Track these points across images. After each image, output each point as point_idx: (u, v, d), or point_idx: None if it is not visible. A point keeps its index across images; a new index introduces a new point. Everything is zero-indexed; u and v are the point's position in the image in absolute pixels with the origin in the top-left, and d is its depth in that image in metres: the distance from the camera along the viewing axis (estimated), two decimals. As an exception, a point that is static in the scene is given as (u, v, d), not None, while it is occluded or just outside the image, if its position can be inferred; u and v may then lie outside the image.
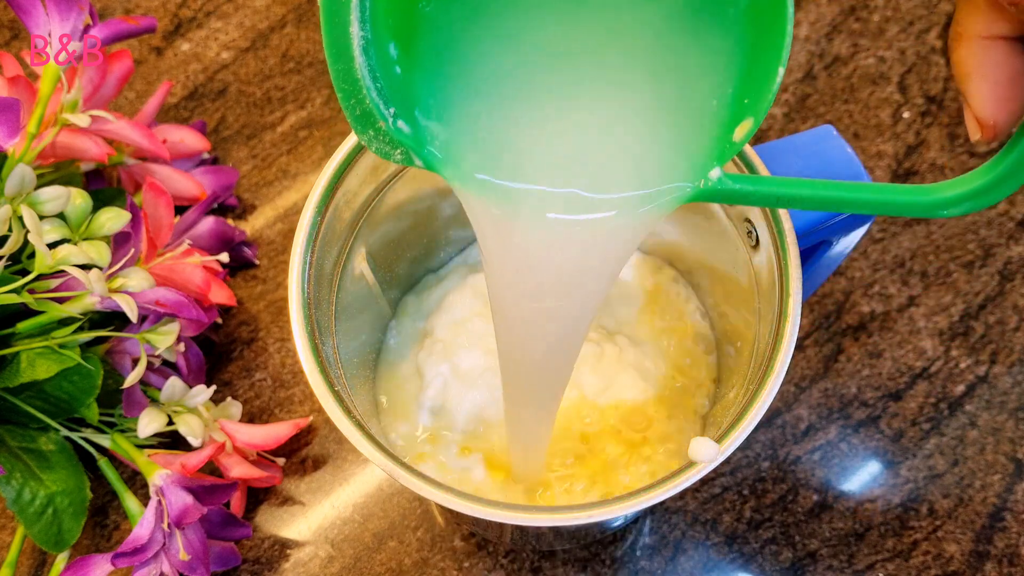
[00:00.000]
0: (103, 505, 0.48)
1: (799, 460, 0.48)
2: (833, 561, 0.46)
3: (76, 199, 0.40)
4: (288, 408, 0.50)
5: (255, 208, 0.55)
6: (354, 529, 0.47)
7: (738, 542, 0.46)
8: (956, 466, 0.48)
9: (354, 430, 0.33)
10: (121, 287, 0.40)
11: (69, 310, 0.40)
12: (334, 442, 0.49)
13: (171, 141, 0.50)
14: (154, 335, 0.42)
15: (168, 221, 0.44)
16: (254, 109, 0.57)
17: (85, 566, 0.42)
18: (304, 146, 0.56)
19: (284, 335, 0.52)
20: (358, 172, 0.38)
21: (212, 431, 0.45)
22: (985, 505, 0.47)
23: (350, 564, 0.47)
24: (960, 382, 0.49)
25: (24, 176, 0.39)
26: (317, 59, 0.58)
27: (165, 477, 0.41)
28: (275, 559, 0.47)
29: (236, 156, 0.56)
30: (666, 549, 0.46)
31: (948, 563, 0.46)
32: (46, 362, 0.41)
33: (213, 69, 0.58)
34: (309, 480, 0.48)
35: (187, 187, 0.50)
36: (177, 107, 0.57)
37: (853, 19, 0.58)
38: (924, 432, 0.48)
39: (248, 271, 0.53)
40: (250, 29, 0.59)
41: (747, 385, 0.35)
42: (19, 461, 0.43)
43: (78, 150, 0.46)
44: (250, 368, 0.51)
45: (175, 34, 0.59)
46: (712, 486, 0.47)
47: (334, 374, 0.35)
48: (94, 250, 0.40)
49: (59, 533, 0.43)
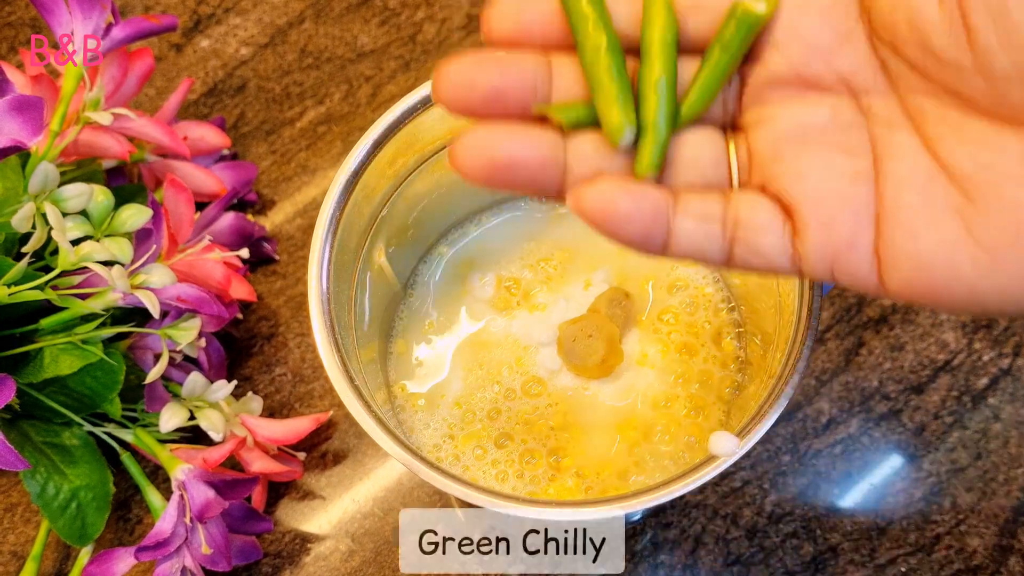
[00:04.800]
0: (126, 499, 0.48)
1: (820, 454, 0.48)
2: (855, 555, 0.46)
3: (98, 196, 0.41)
4: (308, 403, 0.50)
5: (274, 204, 0.55)
6: (374, 523, 0.47)
7: (759, 536, 0.46)
8: (979, 460, 0.47)
9: (374, 424, 0.33)
10: (143, 283, 0.41)
11: (92, 306, 0.40)
12: (354, 436, 0.49)
13: (191, 138, 0.50)
14: (175, 331, 0.43)
15: (189, 217, 0.44)
16: (273, 105, 0.57)
17: (108, 560, 0.42)
18: (323, 141, 0.56)
19: (304, 330, 0.52)
20: (376, 167, 0.38)
21: (233, 426, 0.45)
22: (1009, 499, 0.46)
23: (370, 558, 0.47)
24: (983, 375, 0.49)
25: (47, 174, 0.39)
26: (335, 54, 0.58)
27: (187, 471, 0.41)
28: (296, 553, 0.47)
29: (255, 152, 0.56)
30: (686, 543, 0.46)
31: (971, 557, 0.46)
32: (69, 358, 0.42)
33: (232, 65, 0.58)
34: (329, 474, 0.49)
35: (207, 183, 0.50)
36: (197, 103, 0.57)
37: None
38: (947, 425, 0.48)
39: (268, 266, 0.53)
40: (269, 25, 0.59)
41: (768, 378, 0.35)
42: (43, 456, 0.43)
43: (100, 147, 0.46)
44: (270, 363, 0.51)
45: (194, 31, 0.60)
46: (732, 480, 0.47)
47: (353, 368, 0.36)
48: (116, 246, 0.40)
49: (83, 527, 0.44)
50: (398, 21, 0.59)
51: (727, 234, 0.28)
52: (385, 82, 0.58)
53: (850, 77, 0.28)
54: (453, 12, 0.59)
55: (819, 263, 0.27)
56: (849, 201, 0.27)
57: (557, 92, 0.28)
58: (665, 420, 0.41)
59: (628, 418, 0.42)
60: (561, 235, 0.46)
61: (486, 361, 0.43)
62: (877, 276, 0.27)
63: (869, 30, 0.28)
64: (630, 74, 0.28)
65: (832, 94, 0.28)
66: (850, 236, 0.27)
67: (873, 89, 0.28)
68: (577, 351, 0.42)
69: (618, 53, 0.27)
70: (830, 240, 0.27)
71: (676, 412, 0.42)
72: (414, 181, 0.41)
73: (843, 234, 0.27)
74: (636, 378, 0.42)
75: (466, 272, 0.46)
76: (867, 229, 0.27)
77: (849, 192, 0.27)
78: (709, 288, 0.44)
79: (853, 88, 0.28)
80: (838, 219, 0.27)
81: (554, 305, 0.44)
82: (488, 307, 0.45)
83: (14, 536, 0.48)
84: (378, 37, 0.59)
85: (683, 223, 0.28)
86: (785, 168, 0.28)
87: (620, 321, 0.43)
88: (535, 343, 0.43)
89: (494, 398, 0.42)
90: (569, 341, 0.42)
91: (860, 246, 0.27)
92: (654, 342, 0.43)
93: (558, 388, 0.42)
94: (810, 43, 0.28)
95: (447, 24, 0.59)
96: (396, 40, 0.59)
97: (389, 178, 0.40)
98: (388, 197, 0.40)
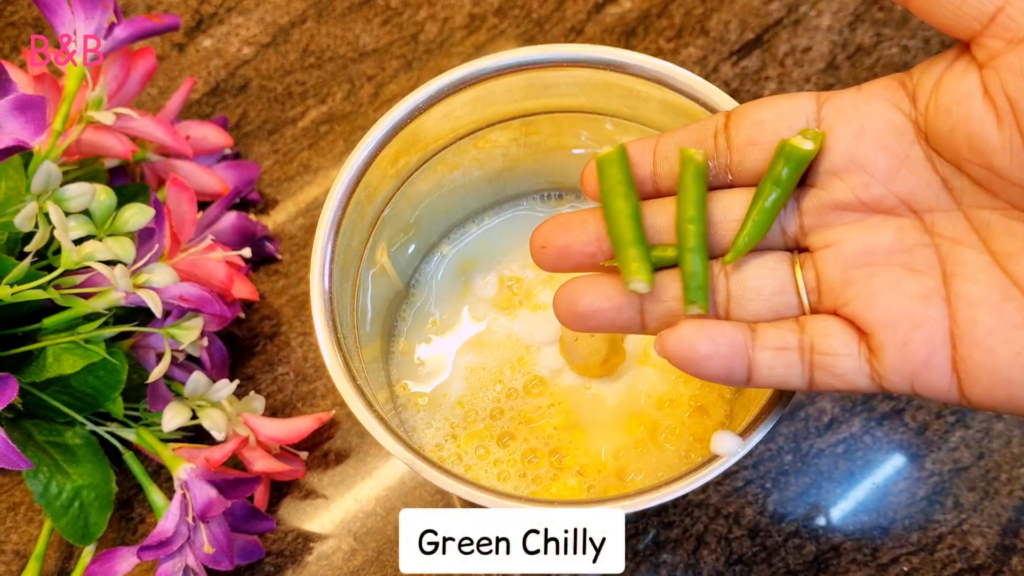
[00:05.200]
0: (128, 499, 0.48)
1: (822, 453, 0.48)
2: (857, 555, 0.46)
3: (101, 195, 0.41)
4: (311, 402, 0.50)
5: (277, 203, 0.55)
6: (377, 522, 0.47)
7: (761, 535, 0.46)
8: (982, 459, 0.47)
9: (376, 424, 0.33)
10: (145, 282, 0.41)
11: (94, 305, 0.40)
12: (356, 435, 0.49)
13: (194, 137, 0.50)
14: (178, 330, 0.43)
15: (191, 217, 0.44)
16: (275, 104, 0.57)
17: (111, 559, 0.42)
18: (325, 141, 0.56)
19: (306, 329, 0.52)
20: (379, 166, 0.38)
21: (235, 425, 0.45)
22: (1011, 498, 0.46)
23: (372, 557, 0.47)
24: (986, 374, 0.49)
25: (50, 173, 0.39)
26: (337, 54, 0.58)
27: (189, 471, 0.41)
28: (298, 552, 0.47)
29: (258, 151, 0.56)
30: (688, 542, 0.46)
31: (973, 557, 0.46)
32: (72, 357, 0.42)
33: (234, 65, 0.58)
34: (332, 473, 0.49)
35: (209, 183, 0.50)
36: (199, 103, 0.58)
37: (876, 8, 0.58)
38: (949, 425, 0.48)
39: (270, 266, 0.53)
40: (271, 24, 0.59)
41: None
42: (46, 455, 0.43)
43: (103, 147, 0.46)
44: (273, 362, 0.51)
45: (196, 30, 0.60)
46: (735, 479, 0.47)
47: (356, 368, 0.36)
48: (119, 246, 0.40)
49: (85, 526, 0.44)
50: (400, 20, 0.59)
51: (805, 360, 0.29)
52: (387, 81, 0.58)
53: (911, 198, 0.29)
54: (455, 11, 0.59)
55: (899, 381, 0.28)
56: (922, 322, 0.27)
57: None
58: (667, 419, 0.41)
59: (630, 417, 0.42)
60: (563, 234, 0.46)
61: (488, 360, 0.43)
62: (958, 390, 0.27)
63: (928, 151, 0.28)
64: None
65: (895, 216, 0.29)
66: (926, 356, 0.27)
67: (936, 207, 0.28)
68: (579, 350, 0.42)
69: (637, 219, 0.30)
70: (907, 360, 0.27)
71: (678, 411, 0.42)
72: (416, 180, 0.41)
73: (919, 354, 0.27)
74: (638, 377, 0.42)
75: (468, 271, 0.46)
76: (943, 347, 0.27)
77: (921, 313, 0.28)
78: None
79: (915, 208, 0.29)
80: (913, 340, 0.27)
81: (556, 304, 0.44)
82: (490, 306, 0.45)
83: (17, 535, 0.48)
84: (380, 36, 0.59)
85: (762, 356, 0.29)
86: (856, 292, 0.29)
87: (622, 320, 0.43)
88: (537, 342, 0.43)
89: (496, 397, 0.42)
90: (571, 340, 0.42)
91: (937, 363, 0.27)
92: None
93: (560, 387, 0.42)
94: (868, 169, 0.29)
95: (449, 23, 0.59)
96: (398, 39, 0.59)
97: (391, 177, 0.40)
98: (390, 196, 0.40)
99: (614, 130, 0.41)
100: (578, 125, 0.42)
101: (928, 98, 0.28)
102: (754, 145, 0.30)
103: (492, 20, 0.59)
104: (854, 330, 0.29)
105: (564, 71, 0.38)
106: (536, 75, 0.38)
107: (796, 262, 0.30)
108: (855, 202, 0.29)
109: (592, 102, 0.40)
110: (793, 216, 0.30)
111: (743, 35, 0.57)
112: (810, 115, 0.30)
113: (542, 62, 0.38)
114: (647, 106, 0.39)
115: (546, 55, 0.38)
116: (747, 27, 0.58)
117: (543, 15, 0.59)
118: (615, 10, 0.59)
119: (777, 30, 0.58)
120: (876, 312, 0.28)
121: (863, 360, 0.28)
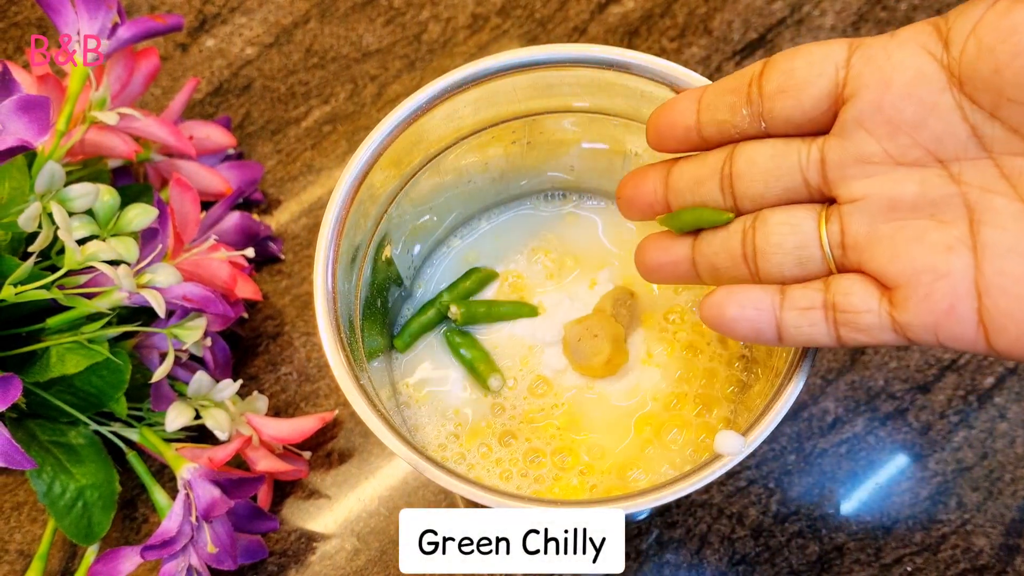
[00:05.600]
0: (132, 498, 0.48)
1: (826, 453, 0.48)
2: (860, 555, 0.46)
3: (104, 196, 0.41)
4: (314, 402, 0.50)
5: (280, 203, 0.55)
6: (380, 522, 0.47)
7: (764, 535, 0.46)
8: (985, 459, 0.47)
9: (379, 423, 0.33)
10: (149, 282, 0.41)
11: (98, 305, 0.40)
12: (360, 435, 0.49)
13: (197, 137, 0.50)
14: (181, 330, 0.43)
15: (194, 217, 0.44)
16: (278, 104, 0.57)
17: (115, 559, 0.42)
18: (328, 141, 0.56)
19: (309, 329, 0.52)
20: (382, 166, 0.38)
21: (239, 425, 0.45)
22: (1015, 498, 0.46)
23: (376, 557, 0.47)
24: (989, 374, 0.49)
25: (54, 173, 0.40)
26: (340, 54, 0.58)
27: (193, 471, 0.42)
28: (301, 552, 0.47)
29: (261, 151, 0.56)
30: (692, 542, 0.46)
31: (977, 557, 0.45)
32: (75, 357, 0.42)
33: (238, 65, 0.59)
34: (335, 473, 0.49)
35: (213, 183, 0.50)
36: (202, 103, 0.58)
37: (880, 7, 0.58)
38: (953, 425, 0.48)
39: (273, 266, 0.54)
40: (274, 24, 0.59)
41: (774, 377, 0.35)
42: (49, 455, 0.44)
43: (106, 147, 0.46)
44: (276, 362, 0.51)
45: (200, 30, 0.60)
46: (738, 479, 0.47)
47: (359, 367, 0.36)
48: (122, 246, 0.40)
49: (89, 526, 0.44)
50: (403, 20, 0.59)
51: (829, 319, 0.30)
52: (390, 81, 0.58)
53: (938, 148, 0.28)
54: (458, 11, 0.59)
55: (923, 333, 0.28)
56: (945, 272, 0.28)
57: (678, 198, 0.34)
58: (670, 419, 0.41)
59: (633, 417, 0.42)
60: (566, 234, 0.46)
61: (492, 360, 0.43)
62: (984, 340, 0.28)
63: (960, 98, 0.28)
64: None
65: (920, 167, 0.29)
66: (948, 306, 0.28)
67: (964, 156, 0.28)
68: (582, 350, 0.42)
69: None
70: (929, 311, 0.28)
71: (681, 411, 0.42)
72: (419, 180, 0.41)
73: (941, 304, 0.28)
74: (641, 377, 0.42)
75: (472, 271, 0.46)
76: (967, 297, 0.27)
77: (944, 263, 0.28)
78: (714, 287, 0.44)
79: (942, 158, 0.28)
80: (935, 291, 0.28)
81: (559, 304, 0.44)
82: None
83: (20, 535, 0.48)
84: (383, 37, 0.59)
85: (788, 316, 0.31)
86: (880, 248, 0.29)
87: (625, 320, 0.43)
88: (540, 342, 0.43)
89: (500, 397, 0.42)
90: (574, 340, 0.42)
91: (962, 313, 0.27)
92: (660, 341, 0.43)
93: (563, 387, 0.42)
94: (895, 119, 0.29)
95: (452, 23, 0.59)
96: (401, 39, 0.59)
97: (394, 177, 0.40)
98: (393, 196, 0.40)
99: (617, 130, 0.41)
100: (581, 125, 0.42)
101: (965, 41, 0.27)
102: (783, 93, 0.30)
103: (495, 20, 0.59)
104: (876, 286, 0.29)
105: (567, 71, 0.38)
106: (539, 75, 0.38)
107: (822, 216, 0.31)
108: (880, 153, 0.29)
109: (595, 102, 0.40)
110: (816, 168, 0.30)
111: (746, 35, 0.57)
112: (840, 62, 0.30)
113: (545, 62, 0.38)
114: (650, 106, 0.38)
115: (549, 55, 0.38)
116: (750, 27, 0.58)
117: (546, 15, 0.59)
118: (618, 10, 0.59)
119: (780, 30, 0.57)
120: (899, 266, 0.28)
121: (884, 315, 0.29)
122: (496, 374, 0.42)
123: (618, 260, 0.45)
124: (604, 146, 0.43)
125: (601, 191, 0.46)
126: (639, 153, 0.42)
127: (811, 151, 0.31)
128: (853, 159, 0.30)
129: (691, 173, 0.33)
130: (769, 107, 0.31)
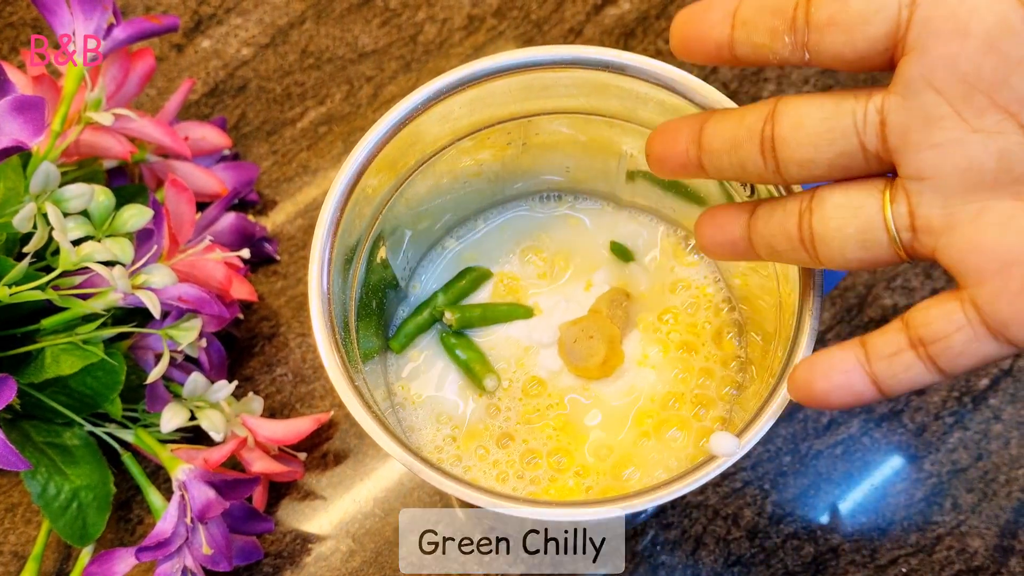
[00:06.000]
0: (127, 500, 0.48)
1: (821, 454, 0.48)
2: (855, 556, 0.46)
3: (99, 196, 0.41)
4: (309, 403, 0.50)
5: (275, 204, 0.55)
6: (375, 523, 0.47)
7: (759, 537, 0.46)
8: (980, 460, 0.47)
9: (374, 425, 0.33)
10: (144, 283, 0.41)
11: (93, 306, 0.40)
12: (355, 437, 0.49)
13: (192, 138, 0.50)
14: (176, 331, 0.43)
15: (190, 217, 0.44)
16: (274, 105, 0.57)
17: (109, 560, 0.42)
18: (324, 142, 0.56)
19: (304, 330, 0.52)
20: (377, 168, 0.38)
21: (234, 426, 0.45)
22: (1010, 500, 0.46)
23: (371, 558, 0.47)
24: (984, 376, 0.49)
25: (49, 174, 0.39)
26: (336, 55, 0.58)
27: (188, 472, 0.41)
28: (297, 553, 0.47)
29: (256, 152, 0.56)
30: (687, 543, 0.46)
31: (972, 558, 0.46)
32: (70, 358, 0.42)
33: (233, 66, 0.58)
34: (330, 475, 0.49)
35: (208, 183, 0.50)
36: (198, 104, 0.58)
37: None
38: (947, 426, 0.48)
39: (269, 266, 0.53)
40: (270, 25, 0.59)
41: (769, 378, 0.35)
42: (44, 456, 0.43)
43: (101, 148, 0.46)
44: (271, 363, 0.51)
45: (195, 31, 0.60)
46: (733, 480, 0.47)
47: (354, 369, 0.36)
48: (117, 247, 0.40)
49: (83, 527, 0.44)
50: (399, 22, 0.59)
51: (923, 355, 0.27)
52: (386, 83, 0.58)
53: (1021, 111, 0.25)
54: (454, 13, 0.59)
55: (1022, 330, 0.25)
56: None
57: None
58: (666, 420, 0.41)
59: (628, 419, 0.42)
60: (561, 236, 0.46)
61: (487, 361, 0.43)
62: None
63: None
64: None
65: (999, 134, 0.25)
66: None
67: None
68: (578, 352, 0.42)
69: None
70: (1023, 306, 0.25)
71: (677, 412, 0.42)
72: (415, 181, 0.41)
73: None
74: (637, 378, 0.42)
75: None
76: None
77: None
78: (710, 288, 0.44)
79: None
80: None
81: (555, 306, 0.44)
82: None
83: (15, 536, 0.48)
84: (379, 38, 0.59)
85: (879, 368, 0.28)
86: (958, 236, 0.26)
87: (621, 322, 0.43)
88: (536, 344, 0.43)
89: (495, 398, 0.42)
90: (570, 342, 0.42)
91: None
92: (655, 342, 0.43)
93: (559, 389, 0.42)
94: (970, 77, 0.25)
95: (448, 25, 0.59)
96: (397, 41, 0.59)
97: (390, 179, 0.40)
98: (389, 197, 0.40)
99: (613, 132, 0.41)
100: (576, 126, 0.42)
101: None
102: (835, 26, 0.26)
103: (491, 21, 0.59)
104: (953, 299, 0.26)
105: (563, 72, 0.38)
106: (535, 76, 0.38)
107: (886, 196, 0.27)
108: (952, 117, 0.25)
109: (591, 103, 0.40)
110: (875, 131, 0.27)
111: (742, 36, 0.57)
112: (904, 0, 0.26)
113: (541, 63, 0.38)
114: (645, 107, 0.39)
115: (545, 56, 0.38)
116: (746, 28, 0.58)
117: (542, 16, 0.59)
118: (614, 11, 0.59)
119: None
120: (984, 258, 0.25)
121: (977, 324, 0.25)
122: (492, 375, 0.42)
123: (613, 262, 0.45)
124: (599, 148, 0.43)
125: (596, 192, 0.46)
126: (634, 154, 0.42)
127: (868, 111, 0.27)
128: (920, 123, 0.26)
129: (727, 133, 0.30)
130: (816, 39, 0.27)
